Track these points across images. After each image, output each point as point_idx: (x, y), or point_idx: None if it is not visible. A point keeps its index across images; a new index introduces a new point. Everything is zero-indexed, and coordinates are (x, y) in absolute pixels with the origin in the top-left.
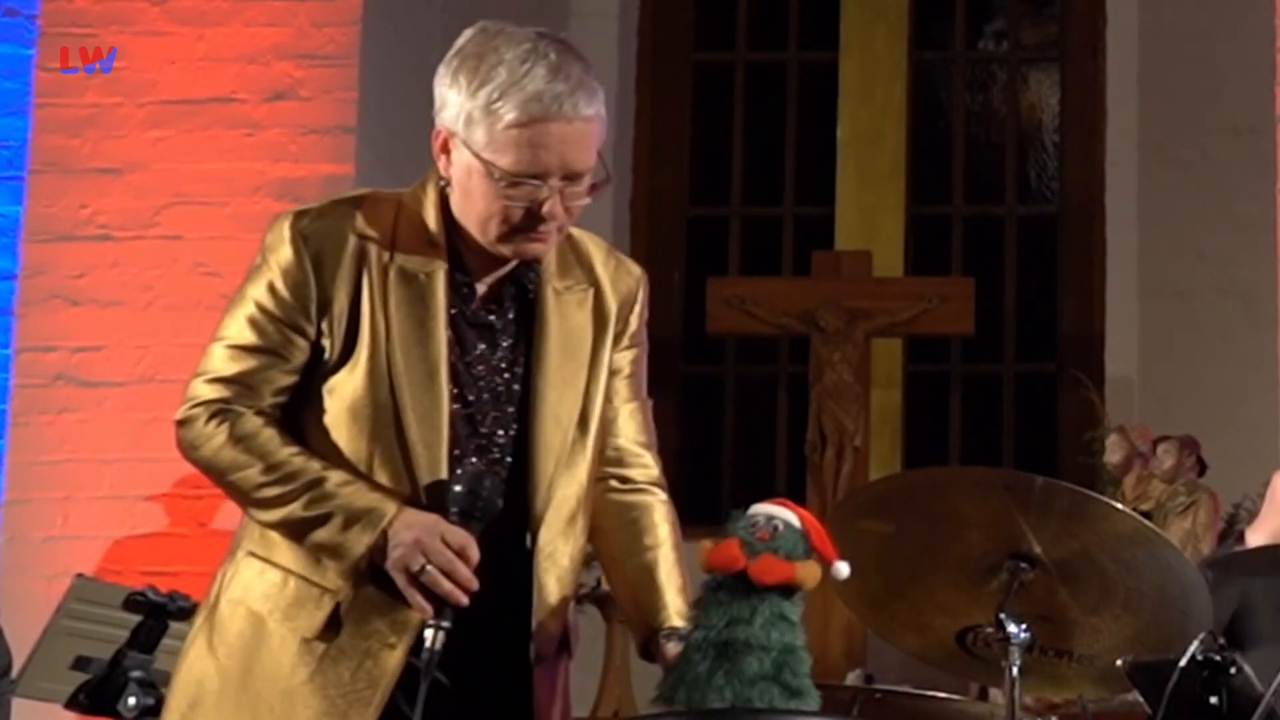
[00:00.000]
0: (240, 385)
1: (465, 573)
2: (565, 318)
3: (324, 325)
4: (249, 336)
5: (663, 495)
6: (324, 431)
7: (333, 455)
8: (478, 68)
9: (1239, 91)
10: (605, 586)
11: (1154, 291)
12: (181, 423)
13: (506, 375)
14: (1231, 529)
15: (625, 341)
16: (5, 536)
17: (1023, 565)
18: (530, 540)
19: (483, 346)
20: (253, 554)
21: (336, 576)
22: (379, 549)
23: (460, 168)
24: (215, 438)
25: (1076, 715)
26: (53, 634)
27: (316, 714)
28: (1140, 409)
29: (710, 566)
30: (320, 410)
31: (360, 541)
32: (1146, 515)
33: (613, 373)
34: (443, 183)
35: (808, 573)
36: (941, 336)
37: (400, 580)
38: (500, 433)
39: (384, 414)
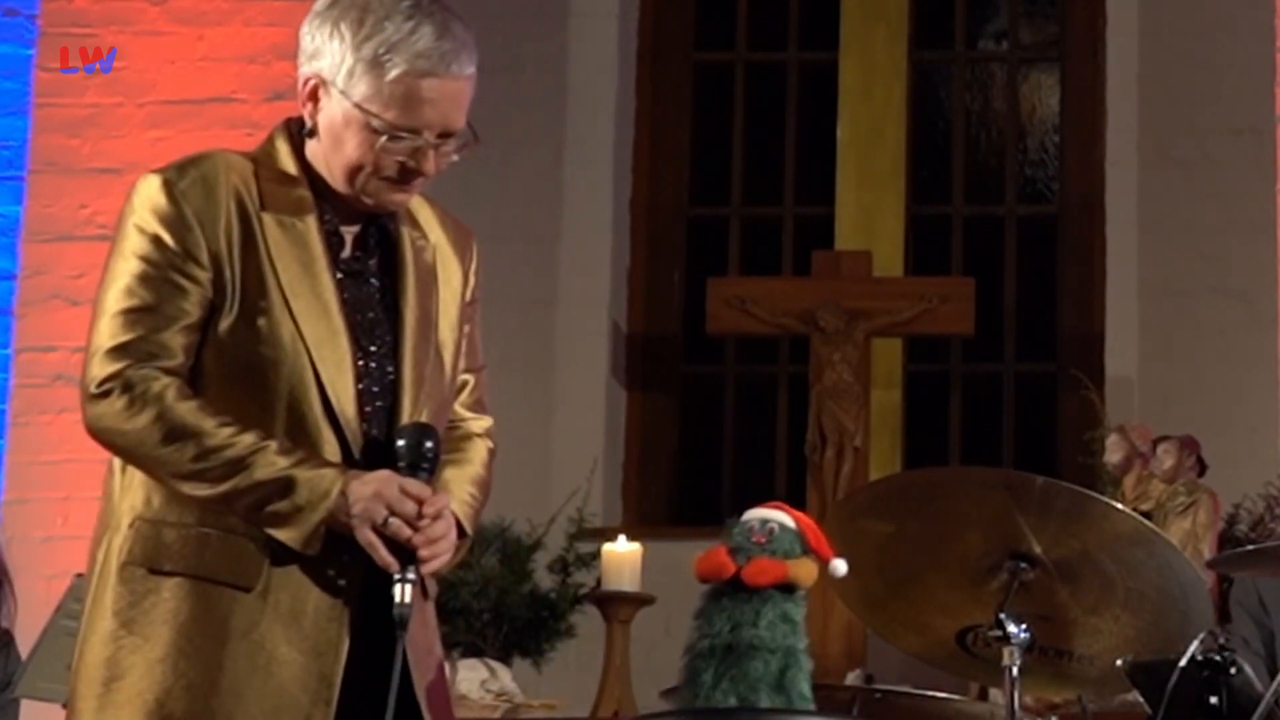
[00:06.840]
0: (142, 348)
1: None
2: (421, 262)
3: (213, 276)
4: (141, 294)
5: (489, 442)
6: (227, 384)
7: (238, 408)
8: (362, 19)
9: (1239, 91)
10: (606, 586)
11: (1154, 291)
12: (95, 398)
13: (382, 315)
14: (1232, 529)
15: (467, 296)
16: (5, 536)
17: (1023, 565)
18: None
19: (356, 289)
20: (143, 520)
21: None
22: (338, 511)
23: (333, 117)
24: (138, 416)
25: (1076, 715)
26: (53, 634)
27: (286, 662)
28: (1140, 409)
29: (701, 576)
30: (221, 362)
31: (321, 506)
32: (1146, 515)
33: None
34: (305, 130)
35: (802, 570)
36: (941, 336)
37: (364, 536)
38: (389, 369)
39: (293, 359)
